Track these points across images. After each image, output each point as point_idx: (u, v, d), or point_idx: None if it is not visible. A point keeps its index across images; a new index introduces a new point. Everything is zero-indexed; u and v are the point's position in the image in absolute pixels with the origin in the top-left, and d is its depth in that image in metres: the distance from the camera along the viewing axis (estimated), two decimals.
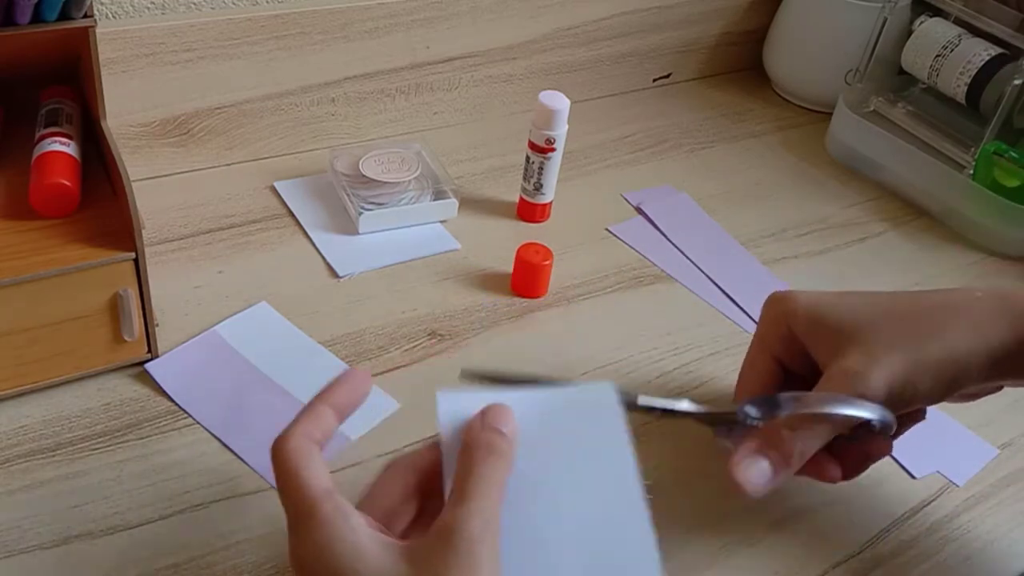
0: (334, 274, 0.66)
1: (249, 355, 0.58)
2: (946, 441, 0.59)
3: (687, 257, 0.72)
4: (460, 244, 0.70)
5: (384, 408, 0.56)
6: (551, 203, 0.73)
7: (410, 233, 0.70)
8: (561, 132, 0.69)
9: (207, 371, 0.56)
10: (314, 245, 0.68)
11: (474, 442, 0.41)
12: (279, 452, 0.39)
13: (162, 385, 0.55)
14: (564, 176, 0.80)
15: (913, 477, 0.57)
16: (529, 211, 0.73)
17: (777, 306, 0.51)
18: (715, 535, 0.52)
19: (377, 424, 0.55)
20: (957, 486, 0.57)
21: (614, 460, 0.43)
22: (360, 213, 0.68)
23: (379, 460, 0.53)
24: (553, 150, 0.69)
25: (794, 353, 0.50)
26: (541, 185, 0.71)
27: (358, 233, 0.69)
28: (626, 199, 0.78)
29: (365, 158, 0.71)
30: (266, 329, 0.60)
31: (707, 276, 0.71)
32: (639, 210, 0.76)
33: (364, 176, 0.69)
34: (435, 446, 0.42)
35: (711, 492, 0.54)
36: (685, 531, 0.52)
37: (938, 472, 0.57)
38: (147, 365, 0.56)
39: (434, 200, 0.71)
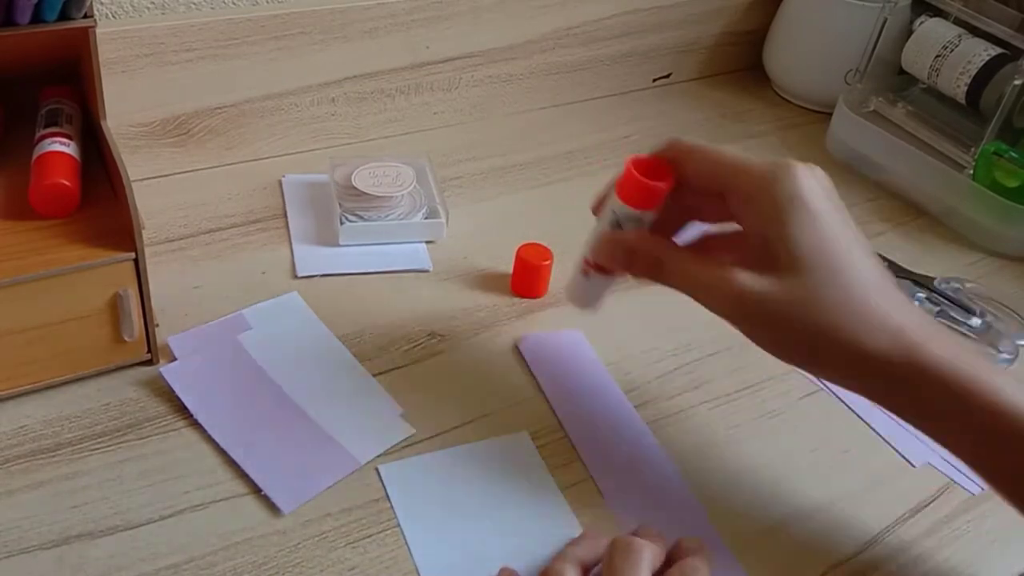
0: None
1: (264, 361, 0.57)
2: None
3: None
4: (434, 267, 0.67)
5: (399, 431, 0.55)
6: None
7: (388, 249, 0.68)
8: None
9: (219, 380, 0.55)
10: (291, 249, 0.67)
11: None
12: None
13: (175, 389, 0.54)
14: (564, 176, 0.80)
15: (912, 465, 0.57)
16: None
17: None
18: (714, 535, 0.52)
19: (389, 448, 0.54)
20: (957, 485, 0.57)
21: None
22: (342, 224, 0.67)
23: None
24: None
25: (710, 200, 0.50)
26: None
27: (338, 244, 0.67)
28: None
29: (361, 169, 0.70)
30: (289, 321, 0.60)
31: None
32: None
33: (354, 188, 0.68)
34: None
35: (710, 492, 0.54)
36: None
37: (937, 468, 0.57)
38: (162, 370, 0.55)
39: (425, 219, 0.69)
